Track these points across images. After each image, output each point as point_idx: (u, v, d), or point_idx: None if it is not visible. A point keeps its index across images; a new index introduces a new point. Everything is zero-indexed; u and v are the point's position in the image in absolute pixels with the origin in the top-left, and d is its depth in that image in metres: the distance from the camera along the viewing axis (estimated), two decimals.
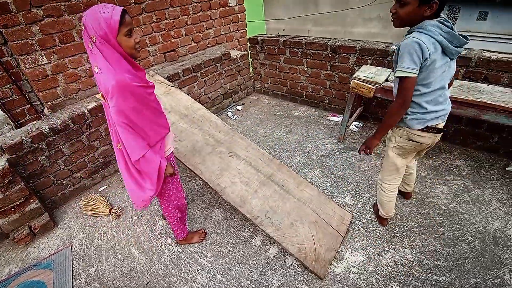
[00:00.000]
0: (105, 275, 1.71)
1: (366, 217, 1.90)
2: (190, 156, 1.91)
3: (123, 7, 1.06)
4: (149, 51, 2.85)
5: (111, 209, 2.14)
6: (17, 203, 1.89)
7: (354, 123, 2.93)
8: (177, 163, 2.60)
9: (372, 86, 2.21)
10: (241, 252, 1.77)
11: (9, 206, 1.87)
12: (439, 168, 2.26)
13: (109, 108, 1.12)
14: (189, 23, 3.10)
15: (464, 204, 1.93)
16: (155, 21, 2.79)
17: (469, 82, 2.09)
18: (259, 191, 1.79)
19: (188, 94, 2.62)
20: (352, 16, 10.06)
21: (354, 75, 2.33)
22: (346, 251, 1.70)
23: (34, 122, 2.15)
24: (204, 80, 3.19)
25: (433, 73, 1.21)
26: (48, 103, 2.28)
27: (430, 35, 1.16)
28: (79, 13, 2.22)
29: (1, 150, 1.92)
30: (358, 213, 1.94)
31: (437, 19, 1.19)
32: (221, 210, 2.10)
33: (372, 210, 1.95)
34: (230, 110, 3.58)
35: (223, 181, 1.79)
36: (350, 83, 2.33)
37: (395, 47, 2.46)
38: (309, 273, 1.60)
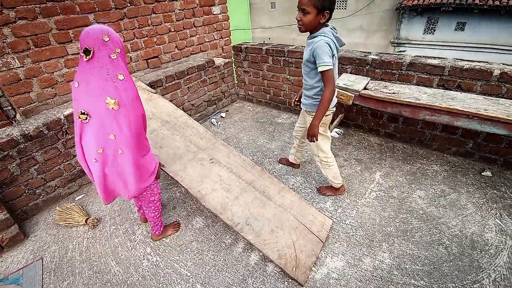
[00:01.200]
0: None
1: (346, 222, 1.93)
2: (171, 163, 1.88)
3: None
4: (131, 57, 2.82)
5: (88, 218, 2.05)
6: None
7: (335, 129, 2.99)
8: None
9: (351, 94, 2.28)
10: (222, 259, 1.74)
11: None
12: (417, 173, 2.33)
13: (121, 114, 1.22)
14: (172, 30, 3.10)
15: (441, 208, 1.98)
16: (137, 27, 2.77)
17: (443, 90, 2.19)
18: (240, 198, 1.77)
19: (171, 101, 2.60)
20: (335, 27, 10.44)
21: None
22: (327, 257, 1.70)
23: (4, 128, 2.05)
24: (188, 87, 3.17)
25: (333, 67, 1.55)
26: (21, 108, 2.19)
27: (330, 38, 1.51)
28: (55, 17, 2.17)
29: None
30: (339, 219, 1.96)
31: (329, 26, 1.56)
32: (202, 217, 2.06)
33: (351, 215, 1.97)
34: (214, 117, 3.57)
35: (203, 188, 1.77)
36: None
37: (374, 56, 2.56)
38: (290, 280, 1.58)
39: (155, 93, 2.49)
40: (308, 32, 1.59)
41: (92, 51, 1.15)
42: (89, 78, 1.20)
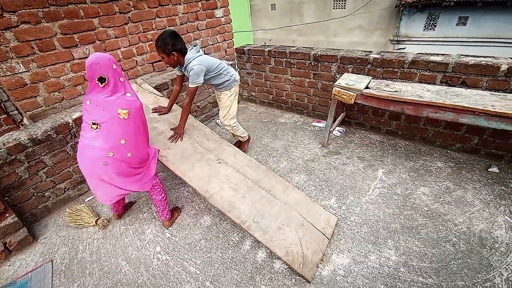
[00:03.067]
0: None
1: (351, 219, 1.95)
2: (179, 163, 1.91)
3: None
4: (136, 61, 2.85)
5: (98, 219, 2.08)
6: None
7: (337, 128, 3.02)
8: (166, 170, 2.58)
9: (353, 93, 2.30)
10: (230, 257, 1.76)
11: None
12: (420, 170, 2.35)
13: (130, 122, 1.51)
14: None
15: (446, 205, 1.98)
16: (142, 31, 2.80)
17: (446, 87, 2.17)
18: (247, 196, 1.80)
19: (177, 103, 2.63)
20: (334, 26, 10.47)
21: (335, 83, 2.42)
22: (333, 254, 1.72)
23: (11, 133, 2.07)
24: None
25: (214, 65, 2.09)
26: (28, 112, 2.22)
27: (197, 57, 1.97)
28: (59, 21, 2.19)
29: None
30: (343, 216, 1.98)
31: (190, 49, 2.00)
32: (210, 216, 2.09)
33: (356, 212, 1.99)
34: (219, 118, 3.60)
35: (211, 187, 1.80)
36: (332, 91, 2.41)
37: (375, 55, 2.59)
38: (297, 277, 1.60)
39: (162, 96, 2.52)
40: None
41: (107, 79, 1.44)
42: (102, 98, 1.46)
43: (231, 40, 3.93)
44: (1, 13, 1.92)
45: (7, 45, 2.00)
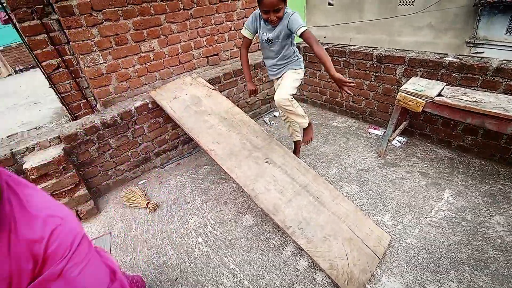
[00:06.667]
0: (139, 265, 1.79)
1: (407, 241, 1.75)
2: (226, 159, 1.94)
3: None
4: (193, 54, 2.98)
5: (149, 202, 2.25)
6: (68, 188, 2.07)
7: (397, 138, 2.74)
8: (212, 163, 2.66)
9: (421, 100, 2.05)
10: (270, 260, 1.73)
11: (61, 190, 2.05)
12: (496, 196, 2.00)
13: None
14: (232, 28, 3.18)
15: None
16: (201, 26, 2.91)
17: None
18: (293, 201, 1.74)
19: (228, 98, 2.68)
20: (399, 24, 9.56)
21: (401, 87, 2.19)
22: (383, 276, 1.57)
23: (87, 116, 2.36)
24: (244, 85, 3.23)
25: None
26: (101, 99, 2.48)
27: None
28: (133, 18, 2.39)
29: (59, 139, 2.13)
30: (398, 236, 1.79)
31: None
32: (252, 215, 2.09)
33: (413, 234, 1.79)
34: (267, 116, 3.58)
35: (257, 187, 1.78)
36: (396, 96, 2.19)
37: (452, 59, 2.28)
38: None
39: (214, 89, 2.60)
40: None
41: None
42: None
43: None
44: (90, 12, 2.18)
45: (92, 39, 2.26)
